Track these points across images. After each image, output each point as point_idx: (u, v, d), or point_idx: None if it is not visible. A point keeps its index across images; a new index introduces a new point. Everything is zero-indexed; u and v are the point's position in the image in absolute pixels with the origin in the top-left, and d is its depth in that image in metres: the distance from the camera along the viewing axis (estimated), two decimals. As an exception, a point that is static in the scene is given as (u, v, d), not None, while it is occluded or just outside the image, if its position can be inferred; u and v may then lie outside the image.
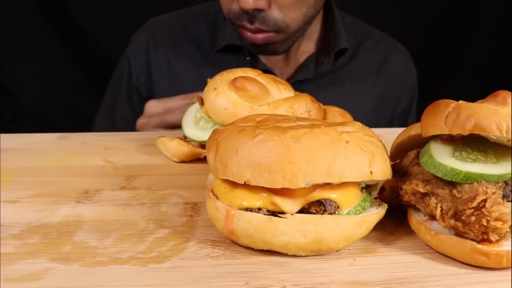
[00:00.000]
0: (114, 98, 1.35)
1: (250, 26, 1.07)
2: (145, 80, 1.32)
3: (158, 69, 1.31)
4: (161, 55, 1.31)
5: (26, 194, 0.67)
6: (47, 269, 0.48)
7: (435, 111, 0.52)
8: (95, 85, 2.11)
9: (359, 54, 1.34)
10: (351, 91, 1.30)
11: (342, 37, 1.27)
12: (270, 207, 0.49)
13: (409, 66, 1.40)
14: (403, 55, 1.40)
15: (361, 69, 1.33)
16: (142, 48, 1.33)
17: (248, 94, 0.71)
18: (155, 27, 1.35)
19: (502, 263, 0.47)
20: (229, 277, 0.47)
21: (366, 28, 1.42)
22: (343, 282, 0.47)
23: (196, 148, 0.79)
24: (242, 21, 1.08)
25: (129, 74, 1.33)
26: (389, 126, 1.37)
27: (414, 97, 1.41)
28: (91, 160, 0.81)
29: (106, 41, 2.10)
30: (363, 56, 1.35)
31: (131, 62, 1.33)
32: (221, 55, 1.28)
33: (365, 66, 1.34)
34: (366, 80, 1.33)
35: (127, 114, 1.34)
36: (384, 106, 1.35)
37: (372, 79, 1.34)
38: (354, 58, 1.33)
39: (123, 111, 1.34)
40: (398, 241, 0.55)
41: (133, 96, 1.33)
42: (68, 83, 2.14)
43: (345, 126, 0.51)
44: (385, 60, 1.36)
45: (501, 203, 0.46)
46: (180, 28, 1.33)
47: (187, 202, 0.65)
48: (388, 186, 0.57)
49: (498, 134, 0.47)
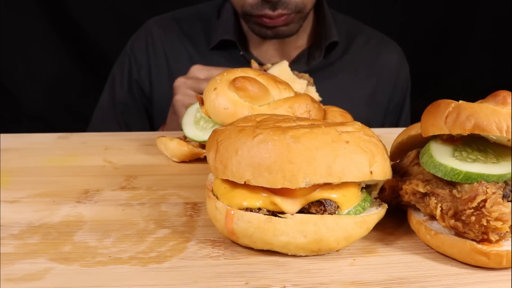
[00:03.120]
0: (113, 94, 1.38)
1: (273, 13, 1.12)
2: (146, 75, 1.35)
3: (157, 67, 1.35)
4: (159, 53, 1.35)
5: (26, 194, 0.67)
6: (47, 269, 0.48)
7: (435, 111, 0.52)
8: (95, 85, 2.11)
9: (351, 49, 1.37)
10: (344, 86, 1.32)
11: (332, 31, 1.31)
12: (270, 207, 0.49)
13: (402, 61, 1.43)
14: (395, 50, 1.42)
15: (354, 63, 1.36)
16: (142, 47, 1.36)
17: (248, 94, 0.71)
18: (154, 27, 1.39)
19: (502, 263, 0.47)
20: (229, 277, 0.47)
21: (357, 24, 1.45)
22: (343, 282, 0.47)
23: (196, 148, 0.79)
24: (263, 11, 1.13)
25: (130, 70, 1.36)
26: (383, 121, 1.39)
27: (407, 92, 1.44)
28: (91, 160, 0.81)
29: (106, 41, 2.10)
30: (355, 51, 1.37)
31: (131, 59, 1.36)
32: (215, 52, 1.32)
33: (357, 61, 1.36)
34: (359, 74, 1.35)
35: (128, 108, 1.36)
36: (377, 100, 1.37)
37: (365, 74, 1.36)
38: (346, 53, 1.36)
39: (124, 106, 1.36)
40: (398, 241, 0.55)
41: (134, 90, 1.36)
42: (68, 83, 2.14)
43: (345, 126, 0.51)
44: (378, 55, 1.39)
45: (501, 203, 0.46)
46: (177, 28, 1.38)
47: (187, 202, 0.65)
48: (388, 186, 0.57)
49: (498, 134, 0.47)
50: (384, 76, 1.38)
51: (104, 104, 1.39)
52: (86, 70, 2.16)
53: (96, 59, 2.15)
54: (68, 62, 2.14)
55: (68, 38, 2.11)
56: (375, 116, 1.37)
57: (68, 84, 2.15)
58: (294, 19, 1.18)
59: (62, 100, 2.17)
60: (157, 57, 1.35)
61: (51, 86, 2.15)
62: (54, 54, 2.11)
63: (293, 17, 1.17)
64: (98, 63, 2.13)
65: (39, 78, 2.12)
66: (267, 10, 1.12)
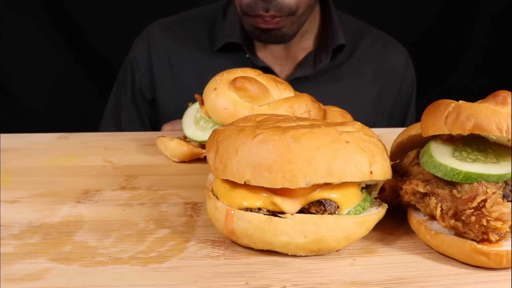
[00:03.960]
0: (118, 102, 1.38)
1: (266, 13, 1.13)
2: (148, 83, 1.35)
3: (160, 71, 1.34)
4: (162, 57, 1.34)
5: (26, 194, 0.67)
6: (47, 269, 0.48)
7: (435, 111, 0.52)
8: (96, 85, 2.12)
9: (357, 51, 1.36)
10: (350, 88, 1.31)
11: (339, 34, 1.29)
12: (270, 207, 0.49)
13: (408, 62, 1.42)
14: (401, 52, 1.41)
15: (360, 66, 1.35)
16: (144, 52, 1.35)
17: (248, 94, 0.71)
18: (156, 30, 1.37)
19: (502, 263, 0.47)
20: (229, 277, 0.47)
21: (363, 25, 1.43)
22: (343, 282, 0.47)
23: (196, 148, 0.79)
24: (257, 11, 1.13)
25: (133, 78, 1.35)
26: (388, 122, 1.38)
27: (413, 93, 1.43)
28: (91, 160, 0.81)
29: (106, 41, 2.10)
30: (361, 53, 1.36)
31: (134, 66, 1.35)
32: (220, 54, 1.29)
33: (363, 63, 1.35)
34: (365, 76, 1.34)
35: (132, 116, 1.36)
36: (383, 102, 1.36)
37: (371, 76, 1.35)
38: (353, 55, 1.35)
39: (128, 114, 1.36)
40: (398, 241, 0.55)
41: (138, 98, 1.36)
42: (68, 83, 2.15)
43: (345, 126, 0.51)
44: (384, 57, 1.38)
45: (501, 203, 0.46)
46: (180, 30, 1.36)
47: (187, 202, 0.65)
48: (388, 186, 0.57)
49: (498, 134, 0.47)
50: (390, 78, 1.37)
51: (110, 113, 1.40)
52: (86, 70, 2.17)
53: (96, 59, 2.15)
54: (68, 62, 2.14)
55: (68, 38, 2.12)
56: (381, 118, 1.36)
57: (68, 84, 2.15)
58: (286, 22, 1.17)
59: (62, 100, 2.17)
60: (160, 62, 1.34)
61: (51, 86, 2.15)
62: (54, 54, 2.11)
63: (285, 20, 1.16)
64: (98, 63, 2.14)
65: (39, 78, 2.12)
66: (261, 10, 1.12)
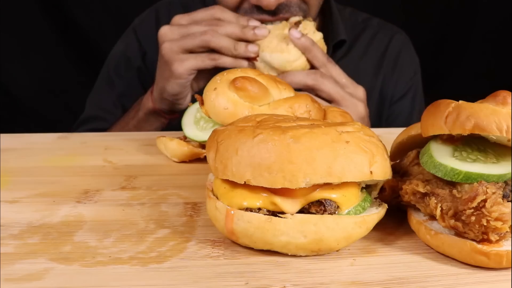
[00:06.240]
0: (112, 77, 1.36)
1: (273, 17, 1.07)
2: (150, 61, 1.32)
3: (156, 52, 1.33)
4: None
5: (26, 194, 0.67)
6: (47, 269, 0.48)
7: (435, 111, 0.52)
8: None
9: (357, 45, 1.35)
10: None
11: (340, 29, 1.29)
12: (270, 207, 0.49)
13: (410, 52, 1.40)
14: (403, 41, 1.40)
15: (360, 60, 1.34)
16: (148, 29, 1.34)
17: (248, 94, 0.71)
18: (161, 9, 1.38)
19: (502, 263, 0.47)
20: (229, 277, 0.47)
21: (364, 18, 1.42)
22: (343, 282, 0.47)
23: (196, 148, 0.79)
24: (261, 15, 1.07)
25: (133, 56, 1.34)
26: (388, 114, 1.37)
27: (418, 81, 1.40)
28: (91, 160, 0.81)
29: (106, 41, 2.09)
30: (361, 48, 1.36)
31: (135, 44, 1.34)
32: None
33: (363, 57, 1.35)
34: (365, 71, 1.34)
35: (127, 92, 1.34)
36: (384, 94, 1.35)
37: (372, 70, 1.35)
38: (352, 50, 1.34)
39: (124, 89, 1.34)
40: (398, 241, 0.55)
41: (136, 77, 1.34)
42: (68, 83, 2.14)
43: (345, 126, 0.51)
44: (385, 49, 1.37)
45: (501, 203, 0.46)
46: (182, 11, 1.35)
47: (187, 202, 0.65)
48: (388, 186, 0.57)
49: (498, 134, 0.47)
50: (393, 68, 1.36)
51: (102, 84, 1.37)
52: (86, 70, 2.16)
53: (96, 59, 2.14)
54: (68, 62, 2.14)
55: (68, 38, 2.11)
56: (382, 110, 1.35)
57: (68, 84, 2.15)
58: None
59: (62, 100, 2.17)
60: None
61: (51, 86, 2.15)
62: (54, 54, 2.11)
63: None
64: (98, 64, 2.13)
65: (39, 78, 2.12)
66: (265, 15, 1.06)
